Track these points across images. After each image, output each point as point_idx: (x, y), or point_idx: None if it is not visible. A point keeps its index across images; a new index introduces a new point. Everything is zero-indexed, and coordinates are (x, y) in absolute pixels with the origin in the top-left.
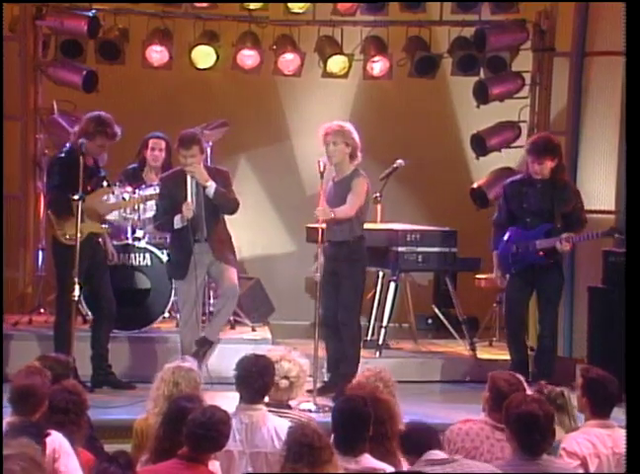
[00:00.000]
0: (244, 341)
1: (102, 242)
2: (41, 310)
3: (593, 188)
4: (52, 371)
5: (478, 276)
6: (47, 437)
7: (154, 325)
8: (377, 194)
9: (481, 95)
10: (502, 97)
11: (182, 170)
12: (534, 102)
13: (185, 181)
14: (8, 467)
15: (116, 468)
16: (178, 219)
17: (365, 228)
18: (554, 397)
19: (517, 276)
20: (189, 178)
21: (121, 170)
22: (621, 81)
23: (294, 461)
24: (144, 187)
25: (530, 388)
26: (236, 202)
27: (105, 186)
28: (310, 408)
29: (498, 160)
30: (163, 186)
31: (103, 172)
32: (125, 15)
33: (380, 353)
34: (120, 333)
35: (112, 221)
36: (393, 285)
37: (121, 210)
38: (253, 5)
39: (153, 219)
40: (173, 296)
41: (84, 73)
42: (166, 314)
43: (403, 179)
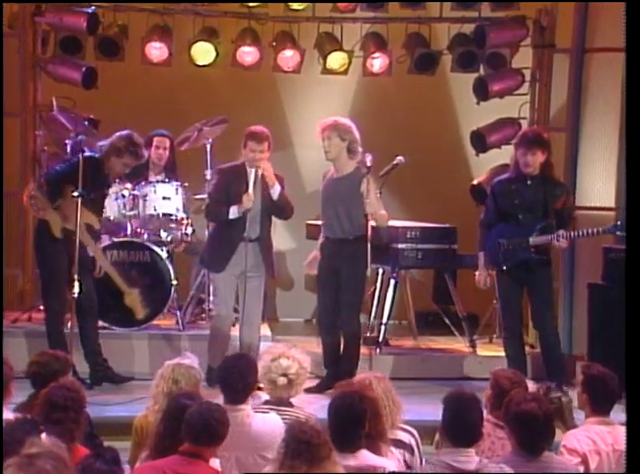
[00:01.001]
0: None
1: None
2: (41, 307)
3: (593, 184)
4: (51, 368)
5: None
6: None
7: (154, 322)
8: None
9: (481, 91)
10: (502, 93)
11: (242, 164)
12: (534, 98)
13: (245, 174)
14: (39, 466)
15: (101, 464)
16: (235, 209)
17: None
18: (550, 401)
19: (507, 274)
20: (251, 172)
21: None
22: (621, 78)
23: (292, 458)
24: (143, 184)
25: (532, 386)
26: (292, 208)
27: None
28: None
29: (498, 157)
30: (221, 176)
31: (110, 190)
32: (125, 11)
33: (380, 350)
34: (120, 330)
35: (111, 218)
36: (393, 282)
37: (121, 208)
38: (252, 2)
39: (205, 208)
40: (173, 293)
41: (83, 70)
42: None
43: (403, 176)
